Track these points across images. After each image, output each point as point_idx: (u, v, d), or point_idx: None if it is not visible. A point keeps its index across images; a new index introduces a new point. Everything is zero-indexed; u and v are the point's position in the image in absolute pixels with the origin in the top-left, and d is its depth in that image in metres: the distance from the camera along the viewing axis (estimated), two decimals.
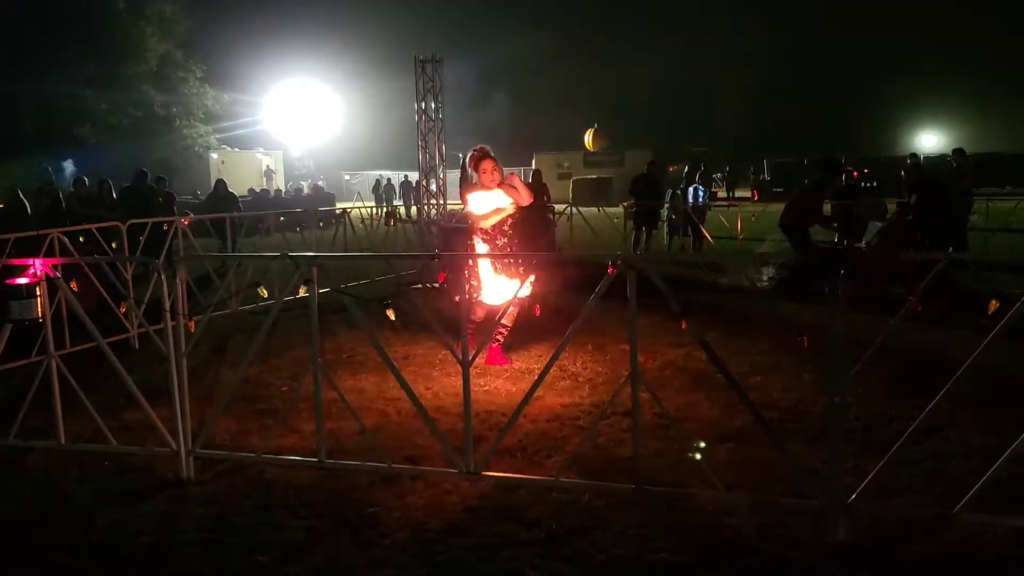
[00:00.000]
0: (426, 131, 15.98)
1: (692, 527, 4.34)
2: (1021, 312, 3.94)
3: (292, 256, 4.92)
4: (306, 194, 38.74)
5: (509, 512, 4.53)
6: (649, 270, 4.44)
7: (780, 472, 4.58)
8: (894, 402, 6.30)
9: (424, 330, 8.91)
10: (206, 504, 4.78)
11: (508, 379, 7.30)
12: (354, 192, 46.87)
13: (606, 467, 5.08)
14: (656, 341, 8.21)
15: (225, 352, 8.83)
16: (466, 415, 4.78)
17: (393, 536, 4.30)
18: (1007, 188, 36.31)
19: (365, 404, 6.50)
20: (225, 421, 5.92)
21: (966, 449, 5.23)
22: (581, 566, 3.95)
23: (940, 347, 7.80)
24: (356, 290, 11.26)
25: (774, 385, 6.89)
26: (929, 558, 3.95)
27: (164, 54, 47.55)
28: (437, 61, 15.93)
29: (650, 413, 5.60)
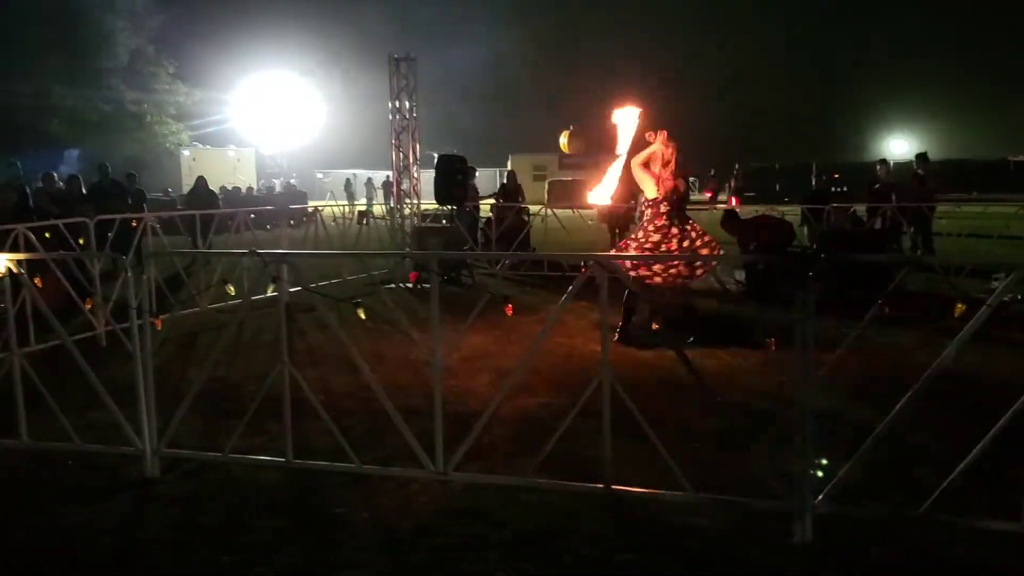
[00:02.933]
0: (400, 130, 15.91)
1: (660, 528, 4.35)
2: (987, 316, 3.98)
3: (260, 253, 4.88)
4: (278, 192, 38.48)
5: (479, 513, 4.52)
6: (621, 273, 4.45)
7: (748, 473, 4.60)
8: (861, 404, 6.35)
9: (396, 330, 8.89)
10: (171, 504, 4.73)
11: (480, 380, 7.29)
12: (327, 190, 46.63)
13: (576, 468, 5.07)
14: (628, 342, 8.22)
15: (193, 351, 8.74)
16: (436, 416, 4.76)
17: (361, 537, 4.28)
18: (974, 194, 36.82)
19: (335, 404, 6.46)
20: (192, 420, 5.85)
21: (932, 451, 5.28)
22: (549, 567, 3.95)
23: (907, 350, 7.88)
24: (327, 289, 11.21)
25: (743, 387, 6.93)
26: (894, 559, 3.99)
27: (135, 49, 47.04)
28: (412, 59, 15.86)
29: (621, 414, 5.59)
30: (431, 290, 4.85)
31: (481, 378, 7.34)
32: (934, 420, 5.84)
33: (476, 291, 12.76)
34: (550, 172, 48.00)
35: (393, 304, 8.53)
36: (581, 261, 4.61)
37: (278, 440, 5.26)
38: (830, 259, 7.08)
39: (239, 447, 5.23)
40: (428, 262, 4.92)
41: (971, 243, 15.95)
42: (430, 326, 4.80)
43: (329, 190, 45.06)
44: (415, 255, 7.88)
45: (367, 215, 17.31)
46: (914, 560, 3.98)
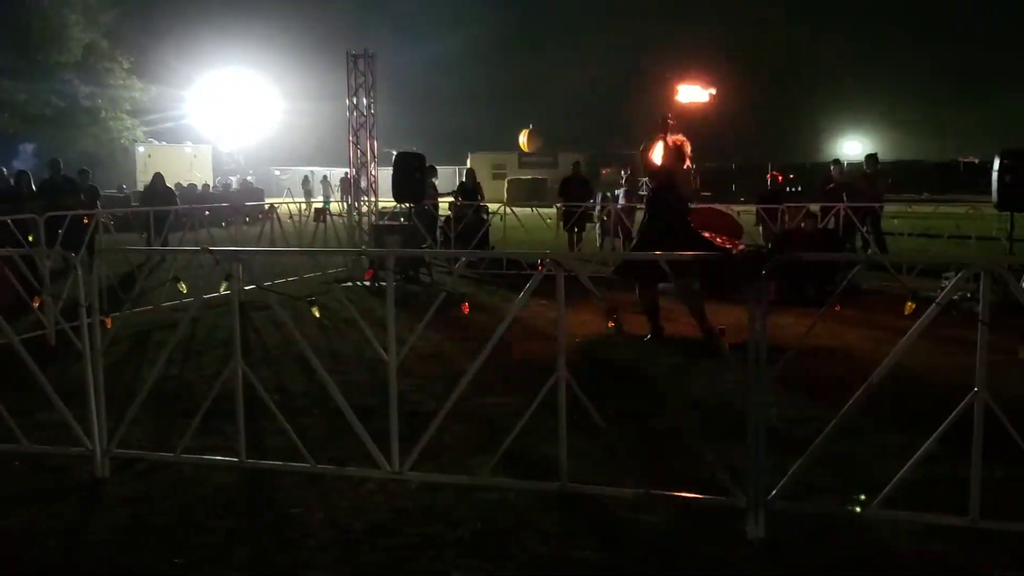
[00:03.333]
0: (358, 127, 15.82)
1: (616, 525, 4.37)
2: (936, 314, 4.05)
3: (213, 250, 4.81)
4: (235, 189, 38.07)
5: (434, 512, 4.51)
6: (577, 269, 4.46)
7: (703, 469, 4.63)
8: (813, 401, 6.43)
9: (352, 328, 8.83)
10: (122, 505, 4.65)
11: (436, 378, 7.27)
12: (284, 188, 46.25)
13: (532, 466, 5.08)
14: (585, 339, 8.25)
15: (146, 350, 8.62)
16: (392, 415, 4.74)
17: (316, 537, 4.24)
18: (924, 194, 37.48)
19: (290, 403, 6.41)
20: (144, 420, 5.77)
21: (882, 448, 5.36)
22: (505, 565, 3.94)
23: (859, 347, 7.99)
24: (283, 288, 11.11)
25: (699, 384, 6.98)
26: (845, 554, 4.04)
27: (89, 44, 46.19)
28: (370, 56, 15.78)
29: (577, 412, 5.61)
30: (387, 288, 4.82)
31: (438, 377, 7.32)
32: (885, 417, 5.93)
33: (434, 289, 12.72)
34: (509, 170, 48.06)
35: (349, 302, 8.48)
36: (538, 259, 4.62)
37: (232, 440, 5.21)
38: (783, 258, 7.17)
39: (192, 447, 5.16)
40: (385, 260, 4.90)
41: (923, 242, 16.24)
42: (386, 324, 4.77)
43: (287, 187, 44.71)
44: (371, 253, 7.83)
45: (324, 212, 17.16)
46: (865, 555, 4.03)
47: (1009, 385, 6.37)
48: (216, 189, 38.23)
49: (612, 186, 25.25)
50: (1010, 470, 4.69)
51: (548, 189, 38.20)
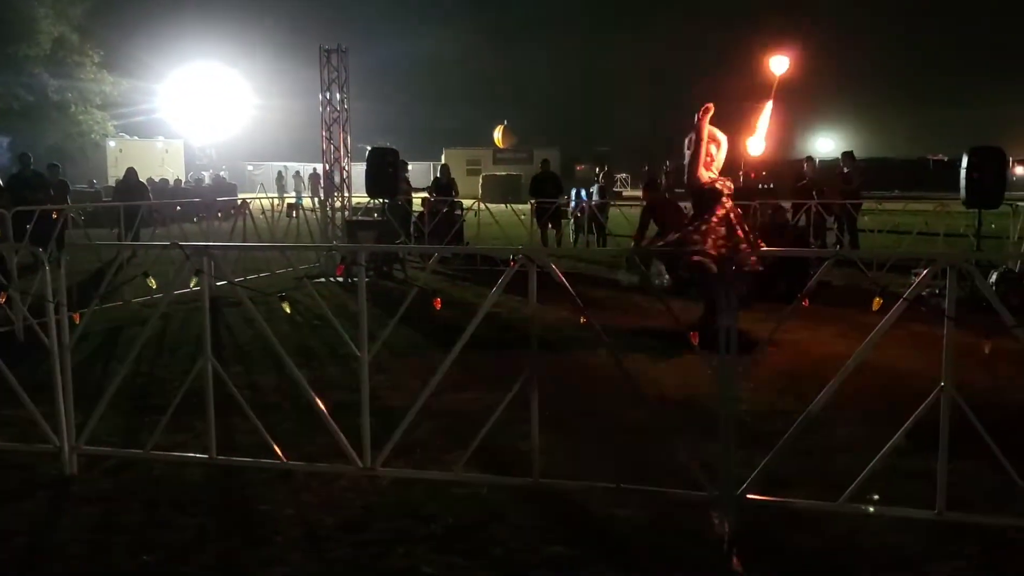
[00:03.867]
0: (331, 122, 15.74)
1: (587, 519, 4.39)
2: (903, 309, 4.09)
3: (183, 245, 4.77)
4: (207, 184, 37.78)
5: (406, 508, 4.50)
6: (550, 266, 4.46)
7: (673, 464, 4.66)
8: (783, 396, 6.48)
9: (325, 324, 8.79)
10: (90, 503, 4.61)
11: (410, 374, 7.26)
12: (257, 183, 45.97)
13: (505, 462, 5.09)
14: (558, 335, 8.26)
15: (115, 346, 8.54)
16: (363, 410, 4.73)
17: (286, 534, 4.22)
18: (895, 192, 37.84)
19: (261, 400, 6.37)
20: (113, 417, 5.72)
21: (850, 442, 5.41)
22: (478, 560, 3.94)
23: (828, 342, 8.06)
24: (255, 283, 11.05)
25: (670, 380, 7.01)
26: (814, 548, 4.07)
27: (58, 37, 45.58)
28: (343, 51, 15.70)
29: (550, 407, 5.62)
30: (358, 284, 4.81)
31: (411, 373, 7.30)
32: (853, 412, 5.99)
33: (408, 285, 12.69)
34: (484, 166, 48.03)
35: (321, 298, 8.45)
36: (511, 255, 4.62)
37: (202, 437, 5.17)
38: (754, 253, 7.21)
39: (161, 444, 5.12)
40: (357, 256, 4.89)
41: (893, 239, 16.39)
42: (358, 320, 4.76)
43: (260, 183, 44.44)
44: (343, 248, 7.80)
45: (296, 208, 17.07)
46: (834, 548, 4.07)
47: (975, 380, 6.46)
48: (188, 184, 37.93)
49: (586, 183, 25.34)
50: (976, 464, 4.75)
51: (523, 185, 38.28)
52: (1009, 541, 4.07)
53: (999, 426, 4.87)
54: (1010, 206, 13.30)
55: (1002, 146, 11.88)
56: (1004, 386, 6.53)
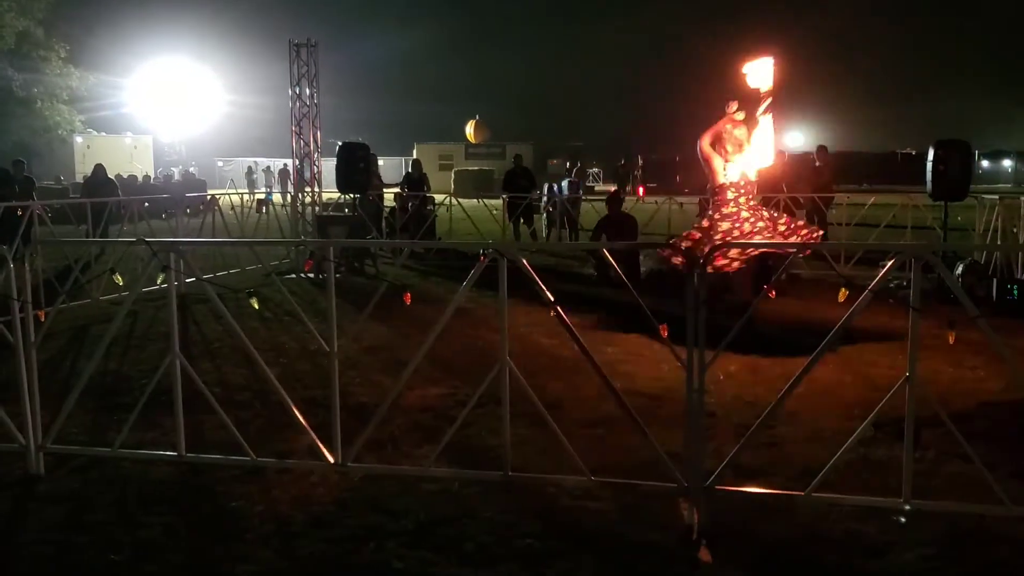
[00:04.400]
0: (300, 117, 15.66)
1: (559, 512, 4.40)
2: (870, 301, 4.14)
3: (149, 241, 4.73)
4: (176, 180, 37.41)
5: (377, 504, 4.49)
6: (520, 260, 4.47)
7: (643, 456, 4.68)
8: (751, 388, 6.53)
9: (295, 320, 8.76)
10: (57, 502, 4.56)
11: (381, 370, 7.24)
12: (228, 179, 45.61)
13: (477, 456, 5.10)
14: (529, 330, 8.28)
15: (83, 343, 8.45)
16: (334, 406, 4.71)
17: (256, 531, 4.20)
18: (864, 185, 38.20)
19: (231, 397, 6.33)
20: (81, 415, 5.67)
21: (818, 432, 5.46)
22: (449, 555, 3.94)
23: (795, 335, 8.12)
24: (224, 280, 10.97)
25: (641, 372, 7.05)
26: (782, 537, 4.11)
27: (22, 31, 44.91)
28: (312, 46, 15.62)
29: (521, 401, 5.63)
30: (327, 279, 4.79)
31: (382, 368, 7.29)
32: (821, 403, 6.05)
33: (379, 281, 12.65)
34: (456, 161, 47.97)
35: (291, 294, 8.42)
36: (481, 249, 4.62)
37: (170, 434, 5.13)
38: (721, 245, 7.26)
39: (129, 442, 5.08)
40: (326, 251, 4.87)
41: (861, 232, 16.53)
42: (327, 316, 4.74)
43: (230, 178, 44.11)
44: (311, 243, 7.75)
45: (266, 204, 16.96)
46: (802, 537, 4.11)
47: (940, 370, 6.55)
48: (157, 180, 37.52)
49: (559, 177, 25.37)
50: (941, 451, 4.82)
51: (495, 180, 38.27)
52: (974, 528, 4.12)
53: (964, 415, 4.96)
54: (976, 199, 13.46)
55: (969, 139, 12.02)
56: (969, 376, 6.61)
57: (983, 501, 4.15)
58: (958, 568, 3.79)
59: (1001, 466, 4.43)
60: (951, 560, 3.86)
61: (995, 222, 12.34)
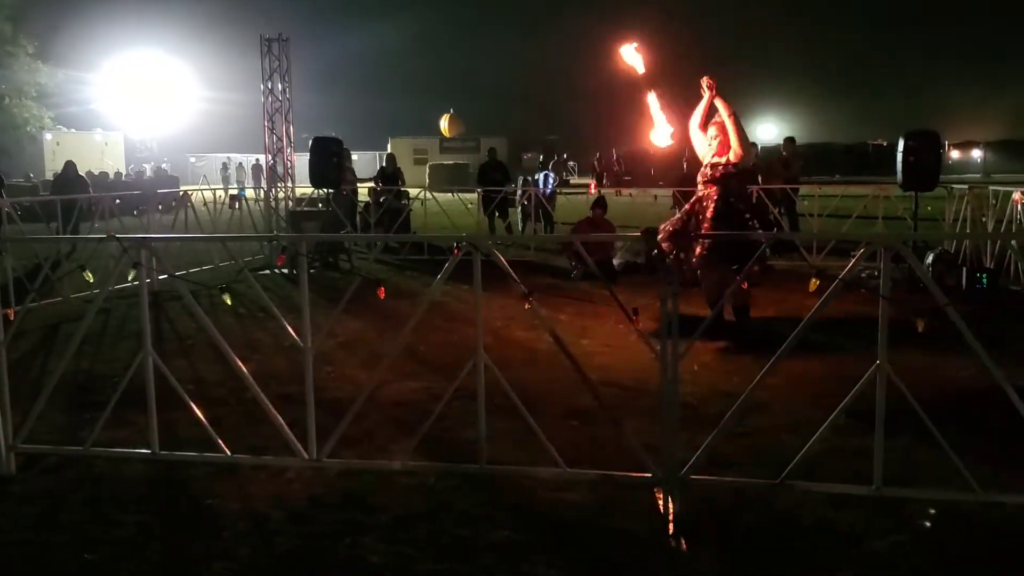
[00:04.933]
0: (273, 112, 15.58)
1: (535, 504, 4.41)
2: (840, 290, 4.18)
3: (120, 238, 4.69)
4: (148, 177, 37.09)
5: (353, 499, 4.48)
6: (494, 252, 4.47)
7: (619, 448, 4.71)
8: (726, 378, 6.57)
9: (269, 317, 8.72)
10: (29, 502, 4.52)
11: (356, 365, 7.22)
12: (200, 175, 45.28)
13: (452, 449, 5.10)
14: (504, 323, 8.29)
15: (54, 342, 8.37)
16: (308, 402, 4.70)
17: (232, 528, 4.18)
18: (836, 176, 38.49)
19: (205, 393, 6.30)
20: (53, 414, 5.62)
21: (791, 421, 5.50)
22: (426, 549, 3.94)
23: (768, 324, 8.19)
24: (198, 276, 10.90)
25: (616, 364, 7.08)
26: (756, 525, 4.14)
27: None
28: (284, 40, 15.54)
29: (497, 394, 5.63)
30: (300, 274, 4.77)
31: (357, 363, 7.27)
32: (794, 392, 6.10)
33: (354, 275, 12.62)
34: (431, 155, 47.87)
35: (265, 290, 8.36)
36: (454, 243, 4.62)
37: (144, 432, 5.10)
38: (694, 236, 7.29)
39: (102, 440, 5.04)
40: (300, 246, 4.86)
41: (833, 223, 16.66)
42: (301, 311, 4.72)
43: (203, 174, 43.78)
44: (285, 238, 7.72)
45: (239, 199, 16.86)
46: (776, 525, 4.14)
47: (910, 358, 6.61)
48: (129, 177, 37.17)
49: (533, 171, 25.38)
50: (912, 439, 4.87)
51: (470, 174, 38.24)
52: (945, 514, 4.18)
53: (934, 402, 5.01)
54: (946, 189, 13.61)
55: (939, 130, 12.15)
56: (938, 364, 6.69)
57: (954, 487, 4.21)
58: (930, 554, 3.84)
59: (971, 453, 4.48)
60: (923, 546, 3.90)
61: (964, 212, 12.48)
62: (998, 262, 11.23)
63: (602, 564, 3.83)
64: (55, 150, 41.04)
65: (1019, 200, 11.47)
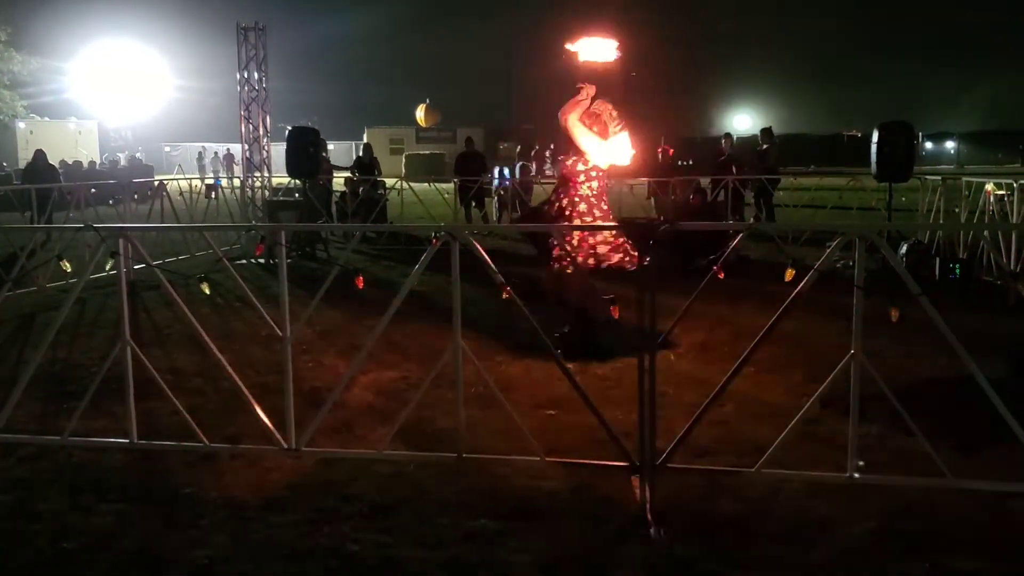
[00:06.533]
0: (249, 101, 15.48)
1: (512, 492, 4.44)
2: (814, 279, 4.23)
3: (97, 227, 4.67)
4: (123, 166, 36.76)
5: (332, 487, 4.50)
6: (471, 242, 4.49)
7: (596, 436, 4.74)
8: (702, 366, 6.63)
9: (247, 306, 8.69)
10: (6, 491, 4.50)
11: (334, 354, 7.23)
12: (175, 164, 44.92)
13: (431, 438, 5.12)
14: (482, 313, 8.30)
15: (30, 332, 8.31)
16: (287, 390, 4.70)
17: (210, 516, 4.18)
18: (811, 167, 38.73)
19: (183, 383, 6.28)
20: (30, 404, 5.59)
21: (767, 410, 5.56)
22: (403, 536, 3.97)
23: (745, 313, 8.25)
24: (174, 266, 10.83)
25: (592, 353, 7.10)
26: (733, 513, 4.19)
27: None
28: (260, 29, 15.44)
29: (474, 383, 5.66)
30: (279, 264, 4.77)
31: (336, 352, 7.28)
32: (770, 381, 6.17)
33: (331, 265, 12.59)
34: (407, 145, 47.76)
35: (242, 280, 8.33)
36: (432, 232, 4.63)
37: (122, 421, 5.08)
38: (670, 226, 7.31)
39: (80, 430, 5.02)
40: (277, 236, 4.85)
41: (808, 214, 16.81)
42: (280, 300, 4.72)
43: (178, 164, 43.43)
44: (263, 228, 7.70)
45: (215, 188, 16.77)
46: (751, 513, 4.19)
47: (884, 348, 6.70)
48: (103, 166, 36.82)
49: (509, 160, 25.38)
50: (885, 428, 4.94)
51: (446, 164, 38.17)
52: (916, 501, 4.24)
53: (907, 391, 5.09)
54: (919, 180, 13.74)
55: (913, 121, 12.26)
56: (912, 353, 6.77)
57: (926, 474, 4.28)
58: (903, 540, 3.90)
59: (943, 440, 4.56)
60: (896, 532, 3.97)
61: (938, 203, 12.62)
62: (971, 252, 11.37)
63: (579, 551, 3.86)
64: (28, 139, 40.56)
65: (991, 191, 11.61)
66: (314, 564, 3.73)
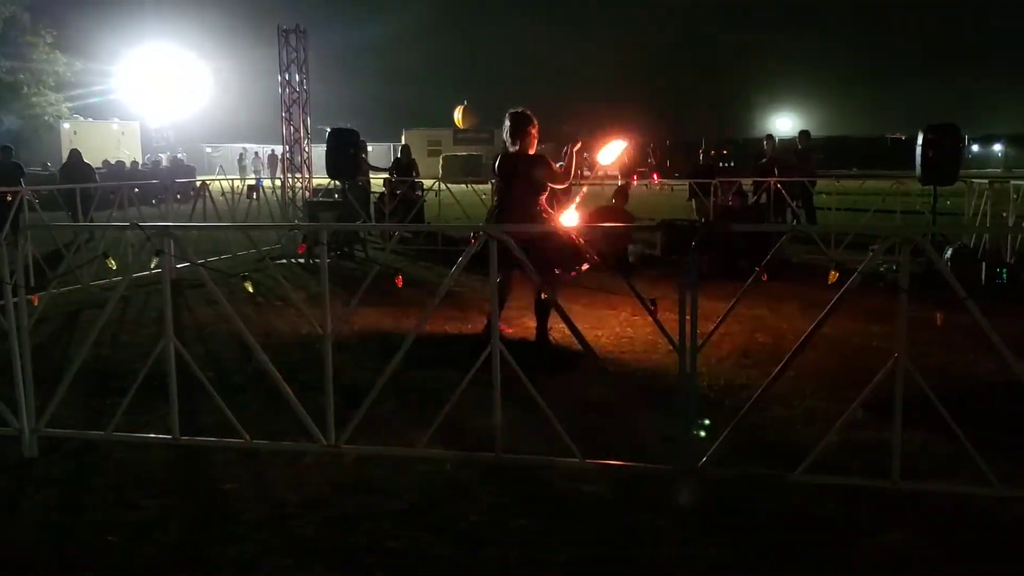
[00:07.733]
0: (290, 103, 15.61)
1: (551, 493, 4.43)
2: (858, 282, 4.18)
3: (143, 226, 4.73)
4: (164, 166, 37.22)
5: (371, 485, 4.51)
6: (509, 243, 4.48)
7: (635, 438, 4.72)
8: (743, 370, 6.57)
9: (288, 305, 8.78)
10: (51, 485, 4.57)
11: (373, 353, 7.25)
12: (216, 165, 45.45)
13: (469, 437, 5.11)
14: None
15: (75, 329, 8.44)
16: (327, 388, 4.73)
17: (251, 512, 4.22)
18: (854, 169, 38.30)
19: (225, 380, 6.34)
20: (75, 400, 5.67)
21: (808, 414, 5.50)
22: (443, 534, 3.97)
23: (788, 317, 8.18)
24: (217, 265, 10.95)
25: (633, 355, 7.08)
26: (772, 518, 4.15)
27: (9, 17, 44.54)
28: (301, 31, 15.57)
29: (512, 383, 5.64)
30: (320, 263, 4.80)
31: (374, 351, 7.30)
32: (812, 385, 6.10)
33: (369, 265, 12.66)
34: (445, 147, 47.93)
35: (284, 279, 8.41)
36: (471, 232, 4.64)
37: (165, 418, 5.14)
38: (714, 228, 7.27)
39: (123, 426, 5.09)
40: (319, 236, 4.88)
41: (850, 217, 16.61)
42: (322, 299, 4.75)
43: (219, 164, 43.92)
44: (304, 227, 7.76)
45: (256, 189, 16.93)
46: (792, 517, 4.15)
47: (929, 352, 6.60)
48: (145, 166, 37.30)
49: None
50: (929, 433, 4.87)
51: (484, 165, 38.19)
52: (961, 508, 4.17)
53: (952, 396, 4.99)
54: (965, 183, 13.53)
55: (959, 123, 12.06)
56: (957, 358, 6.67)
57: (972, 482, 4.21)
58: (946, 548, 3.84)
59: (989, 447, 4.48)
60: (939, 541, 3.90)
61: (984, 206, 12.41)
62: (1019, 257, 11.17)
63: (618, 553, 3.85)
64: (72, 139, 41.21)
65: None
66: (353, 561, 3.75)
